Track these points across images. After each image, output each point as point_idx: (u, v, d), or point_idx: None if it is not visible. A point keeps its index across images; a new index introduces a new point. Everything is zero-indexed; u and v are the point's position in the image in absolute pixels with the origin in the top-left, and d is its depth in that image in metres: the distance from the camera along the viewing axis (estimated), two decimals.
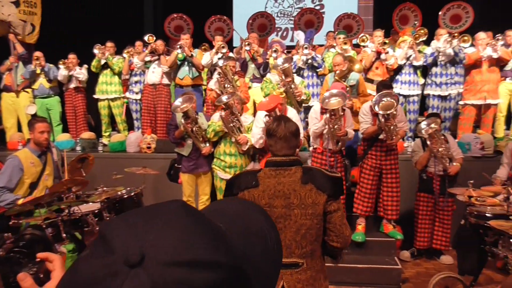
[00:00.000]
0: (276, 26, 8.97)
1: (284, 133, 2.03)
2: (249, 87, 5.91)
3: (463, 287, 3.71)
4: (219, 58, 5.69)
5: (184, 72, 6.28)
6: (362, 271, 4.41)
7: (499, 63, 5.91)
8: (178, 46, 6.09)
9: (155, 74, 6.47)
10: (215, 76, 5.41)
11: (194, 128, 4.58)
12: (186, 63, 6.25)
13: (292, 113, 4.58)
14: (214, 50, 6.14)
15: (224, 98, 4.40)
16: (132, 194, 4.24)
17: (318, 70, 6.12)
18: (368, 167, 4.56)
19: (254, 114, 5.89)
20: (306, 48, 6.01)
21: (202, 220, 0.54)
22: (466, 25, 6.46)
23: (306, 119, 5.31)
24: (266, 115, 4.27)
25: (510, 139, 5.53)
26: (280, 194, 1.96)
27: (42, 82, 6.82)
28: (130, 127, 7.11)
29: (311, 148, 4.92)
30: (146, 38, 6.50)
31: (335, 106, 4.23)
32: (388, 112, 4.21)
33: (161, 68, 6.42)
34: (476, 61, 5.76)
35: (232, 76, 5.26)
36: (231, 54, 6.08)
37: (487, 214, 3.45)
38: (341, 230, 1.97)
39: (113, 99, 6.85)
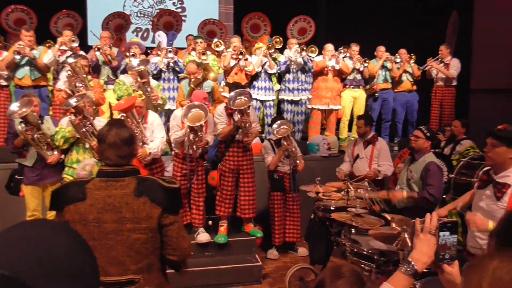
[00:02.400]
0: (136, 26, 8.65)
1: (114, 140, 1.85)
2: (104, 90, 5.55)
3: (315, 275, 4.04)
4: (67, 56, 5.21)
5: (24, 72, 5.55)
6: (225, 272, 4.49)
7: (341, 74, 6.65)
8: (16, 52, 5.37)
9: None
10: (64, 74, 4.93)
11: (35, 136, 4.08)
12: (26, 61, 5.54)
13: (154, 117, 4.43)
14: (57, 46, 5.58)
15: (73, 101, 4.02)
16: None
17: (180, 75, 6.07)
18: (226, 169, 4.65)
19: (111, 117, 5.57)
20: (170, 51, 5.92)
21: None
22: (309, 37, 7.15)
23: (168, 123, 5.21)
24: (121, 116, 4.06)
25: (351, 140, 6.25)
26: (111, 207, 1.79)
27: None
28: None
29: (173, 153, 4.85)
30: None
31: (196, 123, 4.22)
32: (242, 107, 4.36)
33: None
34: (322, 69, 6.38)
35: (85, 75, 4.87)
36: (82, 52, 5.60)
37: (331, 208, 3.79)
38: (177, 243, 1.88)
39: None
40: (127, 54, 5.92)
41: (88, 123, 4.10)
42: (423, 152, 4.03)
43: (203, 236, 4.58)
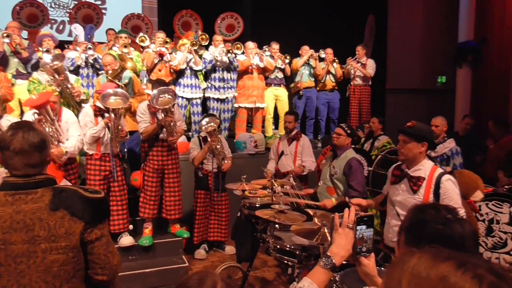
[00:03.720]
0: (51, 18, 8.05)
1: (21, 146, 1.58)
2: (12, 84, 5.09)
3: (242, 273, 4.06)
4: None
5: None
6: (150, 275, 4.35)
7: (265, 72, 6.74)
8: None
9: None
10: None
11: None
12: None
13: (68, 115, 4.16)
14: None
15: None
16: None
17: (100, 72, 5.76)
18: (150, 169, 4.51)
19: (22, 115, 5.13)
20: (90, 48, 5.58)
21: None
22: (237, 33, 7.17)
23: None
24: (34, 112, 3.75)
25: (276, 137, 6.36)
26: (20, 225, 1.54)
27: None
28: None
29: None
30: None
31: (118, 105, 4.02)
32: (167, 106, 4.24)
33: None
34: (247, 68, 6.42)
35: None
36: None
37: (257, 205, 3.82)
38: (107, 260, 1.69)
39: None
40: (39, 48, 5.47)
41: None
42: (344, 149, 4.18)
43: (126, 240, 4.40)
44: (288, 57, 6.96)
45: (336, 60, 7.40)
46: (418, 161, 2.82)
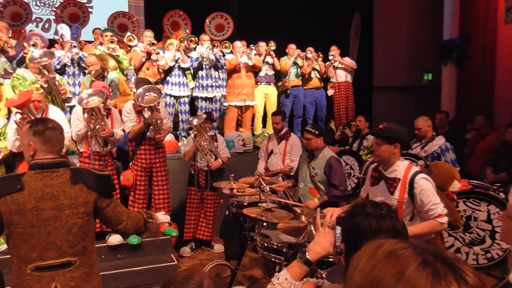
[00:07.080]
0: (36, 16, 7.97)
1: (55, 134, 2.03)
2: (0, 84, 5.04)
3: (230, 271, 4.08)
4: None
5: None
6: (139, 274, 4.36)
7: (254, 69, 6.76)
8: None
9: None
10: None
11: None
12: None
13: (56, 112, 4.15)
14: None
15: None
16: None
17: (86, 70, 5.72)
18: (138, 168, 4.51)
19: (8, 114, 5.09)
20: (75, 47, 5.55)
21: None
22: (228, 33, 7.17)
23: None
24: (17, 112, 3.76)
25: (265, 136, 6.38)
26: (49, 196, 1.95)
27: None
28: None
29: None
30: None
31: (93, 105, 4.04)
32: (152, 104, 4.25)
33: None
34: (235, 66, 6.43)
35: None
36: None
37: (245, 203, 3.85)
38: (117, 219, 2.16)
39: None
40: (25, 45, 5.40)
41: None
42: (320, 149, 4.14)
43: (114, 238, 4.39)
44: (273, 44, 6.88)
45: (321, 55, 7.42)
46: (393, 162, 2.84)
